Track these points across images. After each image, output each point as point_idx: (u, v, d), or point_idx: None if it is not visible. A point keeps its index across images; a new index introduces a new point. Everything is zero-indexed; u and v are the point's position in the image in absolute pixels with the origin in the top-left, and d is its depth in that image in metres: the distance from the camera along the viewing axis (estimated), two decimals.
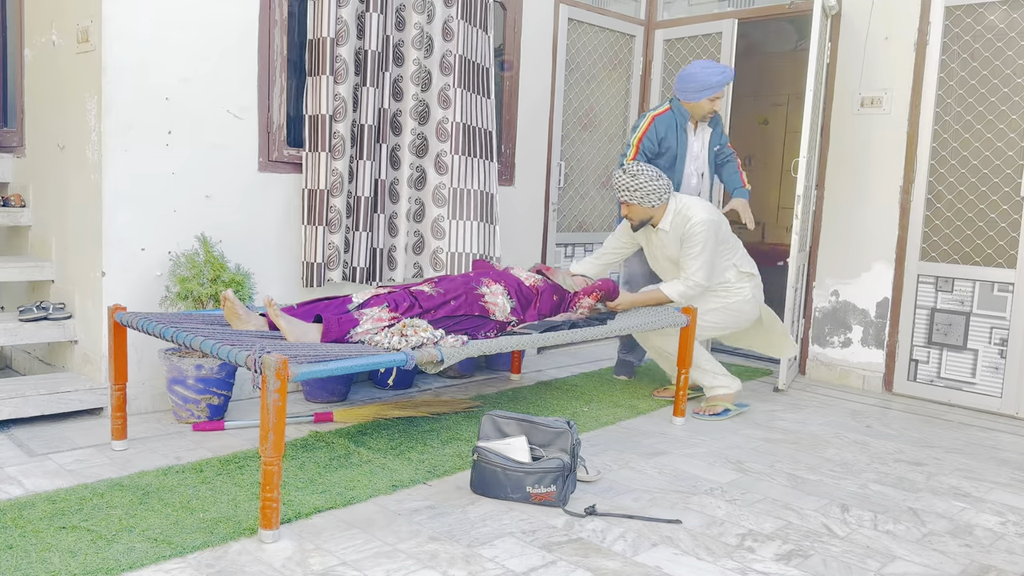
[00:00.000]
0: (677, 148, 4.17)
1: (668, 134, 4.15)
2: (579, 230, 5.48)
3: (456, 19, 4.10)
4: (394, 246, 4.15)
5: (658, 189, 3.68)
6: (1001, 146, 4.17)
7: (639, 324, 3.53)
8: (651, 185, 3.67)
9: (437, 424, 3.51)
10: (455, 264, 4.16)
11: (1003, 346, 4.17)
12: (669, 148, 4.17)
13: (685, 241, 3.71)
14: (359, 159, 3.91)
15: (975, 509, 2.86)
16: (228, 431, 3.30)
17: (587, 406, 3.94)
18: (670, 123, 4.16)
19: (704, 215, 3.69)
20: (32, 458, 2.89)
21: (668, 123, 4.16)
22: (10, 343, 3.42)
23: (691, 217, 3.69)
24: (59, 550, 2.18)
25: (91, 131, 3.35)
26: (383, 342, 2.74)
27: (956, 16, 4.28)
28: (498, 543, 2.40)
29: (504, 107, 4.85)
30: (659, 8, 5.61)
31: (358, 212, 3.94)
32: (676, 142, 4.17)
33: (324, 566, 2.20)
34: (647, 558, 2.35)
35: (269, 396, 2.23)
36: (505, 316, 3.29)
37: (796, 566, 2.35)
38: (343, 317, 2.92)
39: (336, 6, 3.73)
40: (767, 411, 4.05)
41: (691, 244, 3.69)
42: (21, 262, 3.65)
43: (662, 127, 4.15)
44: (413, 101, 4.09)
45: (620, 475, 3.02)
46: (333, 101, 3.77)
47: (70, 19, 3.46)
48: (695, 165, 4.27)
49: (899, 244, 4.47)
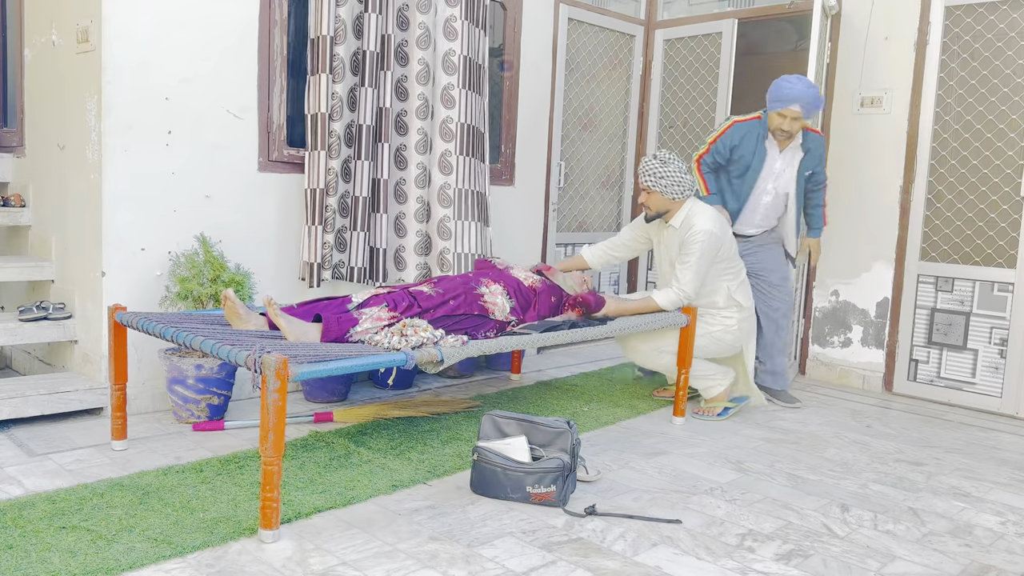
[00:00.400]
0: (752, 160, 3.97)
1: (744, 143, 3.96)
2: (579, 230, 5.48)
3: (460, 19, 4.10)
4: (403, 246, 4.15)
5: (682, 183, 3.64)
6: (1001, 146, 4.17)
7: (640, 324, 3.53)
8: (677, 177, 3.63)
9: (437, 424, 3.51)
10: (461, 265, 4.16)
11: (1003, 346, 4.17)
12: (742, 157, 3.98)
13: (683, 246, 3.68)
14: (357, 159, 3.91)
15: (975, 509, 2.86)
16: (228, 431, 3.30)
17: (587, 406, 3.94)
18: (749, 132, 3.97)
19: (708, 226, 3.63)
20: (32, 458, 2.89)
21: (747, 132, 3.97)
22: (10, 343, 3.42)
23: (695, 224, 3.64)
24: (59, 550, 2.18)
25: (91, 131, 3.35)
26: (383, 341, 2.74)
27: (956, 16, 4.28)
28: (498, 543, 2.40)
29: (504, 107, 4.85)
30: (659, 8, 5.61)
31: (356, 212, 3.93)
32: (753, 153, 3.97)
33: (324, 566, 2.20)
34: (647, 558, 2.35)
35: (269, 396, 2.23)
36: (504, 316, 3.29)
37: (796, 566, 2.35)
38: (343, 316, 2.92)
39: (335, 5, 3.73)
40: (767, 411, 4.05)
41: (687, 252, 3.65)
42: (21, 262, 3.65)
43: (738, 134, 3.97)
44: (419, 101, 4.08)
45: (620, 475, 3.02)
46: (331, 100, 3.77)
47: (70, 19, 3.46)
48: (773, 183, 4.03)
49: (899, 244, 4.47)
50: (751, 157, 3.97)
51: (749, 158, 3.97)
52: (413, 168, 4.11)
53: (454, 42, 4.10)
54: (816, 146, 4.07)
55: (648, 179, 3.65)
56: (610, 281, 5.58)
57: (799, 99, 3.77)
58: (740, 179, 4.03)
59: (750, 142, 3.96)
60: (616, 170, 5.66)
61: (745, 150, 3.97)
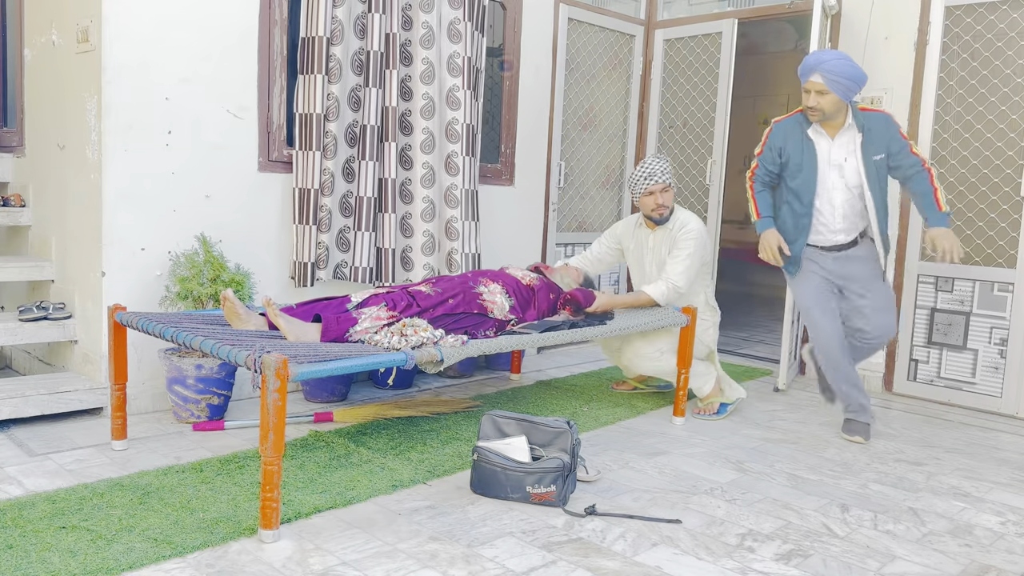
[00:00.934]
0: (803, 156, 3.50)
1: (789, 141, 3.54)
2: (579, 230, 5.48)
3: (463, 21, 4.10)
4: (409, 246, 4.15)
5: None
6: (1001, 146, 4.17)
7: (640, 324, 3.53)
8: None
9: (437, 424, 3.51)
10: (469, 264, 4.17)
11: (1003, 346, 4.17)
12: (791, 157, 3.53)
13: (676, 244, 3.79)
14: (361, 159, 3.91)
15: (975, 509, 2.86)
16: (228, 431, 3.30)
17: (587, 406, 3.94)
18: (791, 128, 3.55)
19: (700, 225, 3.82)
20: (32, 458, 2.89)
21: (789, 128, 3.56)
22: (10, 343, 3.42)
23: (688, 223, 3.81)
24: (59, 550, 2.18)
25: (91, 131, 3.35)
26: (383, 341, 2.74)
27: (956, 16, 4.28)
28: (498, 543, 2.40)
29: (504, 107, 4.85)
30: (659, 8, 5.61)
31: (360, 212, 3.94)
32: (801, 150, 3.51)
33: (324, 566, 2.20)
34: (647, 558, 2.35)
35: (269, 396, 2.23)
36: (504, 314, 3.29)
37: (796, 566, 2.35)
38: (342, 316, 2.92)
39: (331, 6, 3.72)
40: (767, 411, 4.05)
41: (681, 248, 3.76)
42: (21, 262, 3.65)
43: (780, 134, 3.56)
44: (423, 100, 4.07)
45: (620, 475, 3.02)
46: (326, 100, 3.77)
47: (70, 19, 3.46)
48: (839, 175, 3.50)
49: (899, 243, 4.47)
50: (800, 154, 3.51)
51: (799, 155, 3.51)
52: (419, 168, 4.11)
53: (458, 44, 4.10)
54: (877, 125, 3.46)
55: (669, 177, 3.81)
56: (610, 281, 5.58)
57: (819, 67, 3.34)
58: (798, 181, 3.53)
59: (795, 138, 3.53)
60: (616, 170, 5.66)
61: (792, 148, 3.53)
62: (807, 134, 3.51)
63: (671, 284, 3.72)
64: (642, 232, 3.97)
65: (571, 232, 5.41)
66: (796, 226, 3.57)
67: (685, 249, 3.74)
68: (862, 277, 3.56)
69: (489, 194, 4.75)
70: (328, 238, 3.86)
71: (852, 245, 3.56)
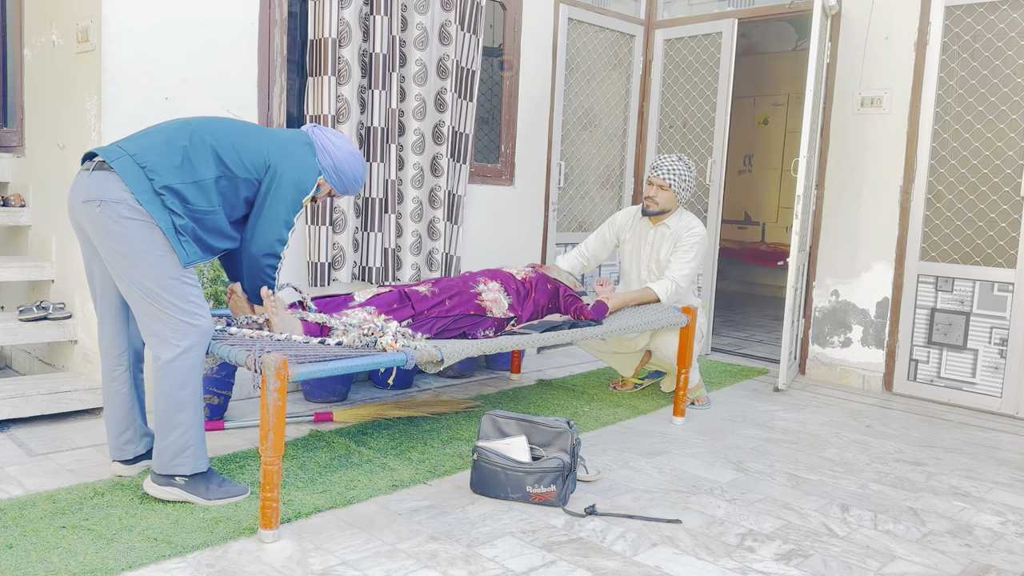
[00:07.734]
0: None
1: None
2: (579, 230, 5.47)
3: (454, 23, 4.12)
4: (399, 246, 4.17)
5: (691, 189, 3.91)
6: (1001, 146, 4.17)
7: (639, 324, 3.54)
8: (690, 182, 3.89)
9: (437, 424, 3.51)
10: (448, 265, 4.21)
11: (1003, 346, 4.17)
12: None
13: (681, 243, 3.87)
14: (369, 161, 3.92)
15: (975, 509, 2.86)
16: (228, 431, 3.30)
17: (587, 406, 3.94)
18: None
19: (705, 232, 3.91)
20: (32, 458, 2.89)
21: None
22: (10, 343, 3.42)
23: (694, 226, 3.91)
24: (59, 550, 2.19)
25: (91, 131, 3.35)
26: (342, 329, 2.75)
27: (956, 16, 4.28)
28: (498, 543, 2.40)
29: (504, 107, 4.86)
30: (659, 8, 5.61)
31: (370, 213, 3.95)
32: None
33: (324, 566, 2.20)
34: (647, 558, 2.35)
35: (269, 396, 2.23)
36: (503, 313, 3.30)
37: (796, 566, 2.35)
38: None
39: (339, 7, 3.73)
40: (767, 411, 4.05)
41: (687, 247, 3.85)
42: (21, 262, 3.65)
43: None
44: (416, 102, 4.09)
45: (620, 475, 3.02)
46: (336, 102, 3.78)
47: (70, 19, 3.46)
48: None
49: (899, 244, 4.47)
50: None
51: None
52: (410, 168, 4.13)
53: (448, 47, 4.13)
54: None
55: (670, 176, 3.83)
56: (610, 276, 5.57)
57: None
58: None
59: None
60: (616, 170, 5.66)
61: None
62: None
63: (676, 285, 3.83)
64: (643, 224, 4.02)
65: (571, 232, 5.41)
66: None
67: (691, 251, 3.84)
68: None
69: (489, 194, 4.75)
70: (343, 239, 3.88)
71: None
